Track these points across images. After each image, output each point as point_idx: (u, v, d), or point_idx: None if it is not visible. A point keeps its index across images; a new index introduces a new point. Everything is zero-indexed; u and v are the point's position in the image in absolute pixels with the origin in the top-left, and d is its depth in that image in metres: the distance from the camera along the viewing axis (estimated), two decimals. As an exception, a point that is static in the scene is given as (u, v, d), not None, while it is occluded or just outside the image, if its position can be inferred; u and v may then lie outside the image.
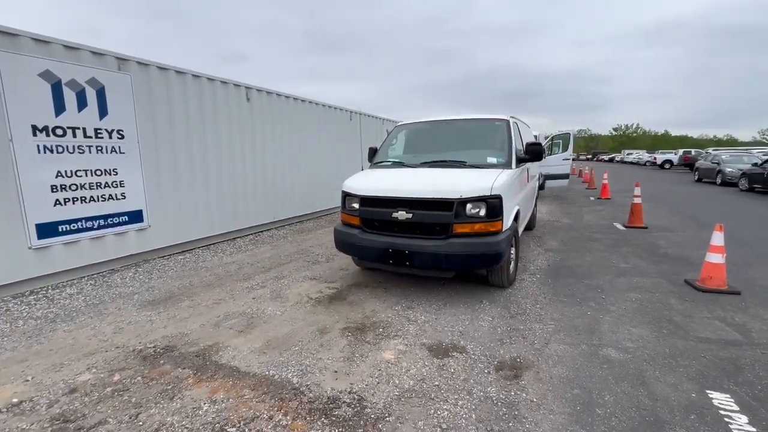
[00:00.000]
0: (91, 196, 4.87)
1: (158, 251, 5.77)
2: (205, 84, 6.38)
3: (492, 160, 4.34)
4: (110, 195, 5.08)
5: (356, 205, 4.06)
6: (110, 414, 2.27)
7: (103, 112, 4.93)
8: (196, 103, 6.21)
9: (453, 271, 3.81)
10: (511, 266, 4.22)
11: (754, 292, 4.02)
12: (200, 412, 2.27)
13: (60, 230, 4.57)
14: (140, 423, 2.18)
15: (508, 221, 3.77)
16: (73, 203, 4.69)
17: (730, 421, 2.14)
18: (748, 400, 2.31)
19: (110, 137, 5.03)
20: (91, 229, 4.89)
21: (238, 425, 2.15)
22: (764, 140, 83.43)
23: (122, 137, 5.17)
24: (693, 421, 2.14)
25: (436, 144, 5.00)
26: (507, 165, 4.22)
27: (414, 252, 3.59)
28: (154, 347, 3.07)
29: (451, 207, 3.52)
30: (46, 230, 4.44)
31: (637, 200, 7.68)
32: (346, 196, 4.20)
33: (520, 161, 4.51)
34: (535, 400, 2.36)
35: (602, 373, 2.62)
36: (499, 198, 3.54)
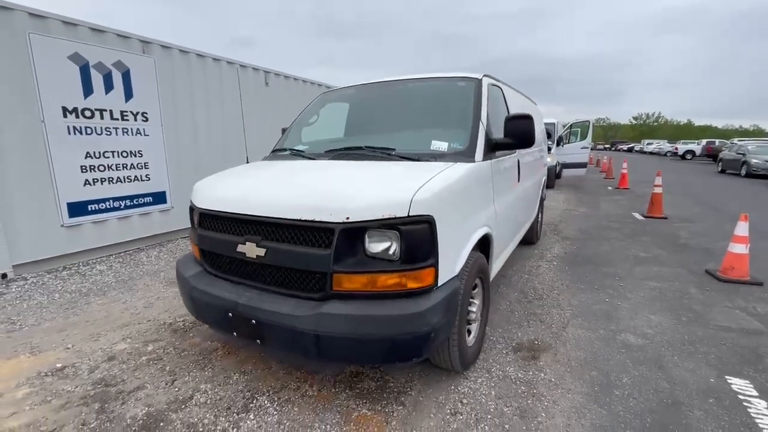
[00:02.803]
0: (118, 177, 5.02)
1: (180, 232, 5.94)
2: (224, 67, 6.43)
3: (439, 146, 2.48)
4: (136, 176, 5.24)
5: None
6: (147, 380, 2.41)
7: (128, 94, 5.05)
8: (216, 87, 6.28)
9: (335, 364, 2.42)
10: (472, 335, 2.48)
11: (777, 283, 3.97)
12: (231, 381, 2.39)
13: (90, 209, 4.74)
14: (176, 389, 2.32)
15: (451, 264, 2.02)
16: (102, 184, 4.85)
17: (749, 405, 2.16)
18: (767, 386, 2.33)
19: (135, 120, 5.16)
20: (119, 209, 5.06)
21: (268, 394, 2.26)
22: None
23: (146, 120, 5.29)
24: (711, 405, 2.17)
25: (366, 121, 3.25)
26: (466, 155, 2.41)
27: (264, 323, 1.92)
28: (183, 321, 3.21)
29: (329, 239, 1.81)
30: (77, 209, 4.62)
31: (658, 190, 7.53)
32: (191, 208, 2.52)
33: (496, 148, 2.67)
34: (553, 380, 2.41)
35: (620, 357, 2.66)
36: (428, 222, 1.80)
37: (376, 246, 1.82)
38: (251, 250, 2.01)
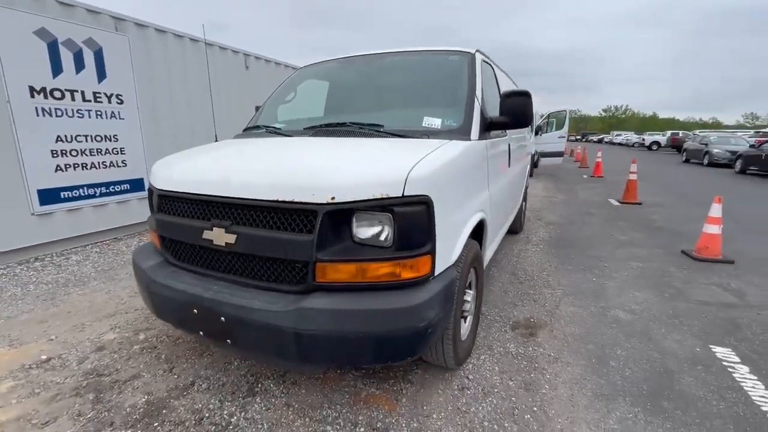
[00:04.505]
0: (92, 163, 4.75)
1: (161, 221, 5.69)
2: (202, 49, 6.15)
3: (432, 122, 2.29)
4: (111, 162, 4.97)
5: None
6: (143, 369, 2.31)
7: (101, 75, 4.75)
8: (195, 69, 6.01)
9: (315, 367, 2.07)
10: (465, 327, 2.31)
11: (745, 261, 4.22)
12: (232, 367, 2.33)
13: (62, 197, 4.47)
14: (175, 376, 2.24)
15: (448, 252, 1.83)
16: (75, 170, 4.57)
17: (733, 371, 2.31)
18: (748, 353, 2.48)
19: (109, 102, 4.87)
20: (94, 196, 4.79)
21: (272, 378, 2.22)
22: (747, 124, 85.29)
23: (121, 102, 5.00)
24: (699, 371, 2.30)
25: (349, 96, 3.00)
26: (462, 132, 2.23)
27: (234, 321, 1.68)
28: (173, 309, 3.09)
29: (311, 223, 1.59)
30: (48, 196, 4.34)
31: (633, 177, 7.84)
32: (150, 190, 2.23)
33: (491, 127, 2.50)
34: (552, 354, 2.48)
35: (612, 332, 2.77)
36: (425, 204, 1.61)
37: (365, 231, 1.61)
38: (219, 236, 1.75)
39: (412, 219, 1.59)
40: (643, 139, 35.36)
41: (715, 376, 2.25)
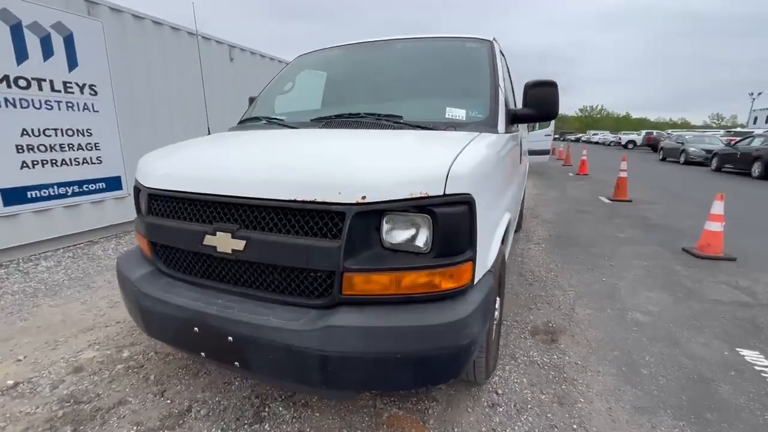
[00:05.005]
0: (63, 160, 4.33)
1: (140, 222, 5.30)
2: (184, 38, 5.77)
3: (456, 114, 2.09)
4: (84, 159, 4.55)
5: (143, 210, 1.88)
6: (129, 393, 2.02)
7: (72, 63, 4.33)
8: (175, 60, 5.61)
9: (343, 393, 1.77)
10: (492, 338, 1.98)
11: (746, 258, 4.22)
12: (233, 388, 2.07)
13: (29, 196, 4.04)
14: (168, 401, 1.96)
15: (485, 257, 1.59)
16: (43, 166, 4.15)
17: (767, 375, 2.21)
18: (777, 356, 2.40)
19: (82, 92, 4.45)
20: (65, 196, 4.37)
21: (280, 399, 1.98)
22: (713, 124, 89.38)
23: (95, 93, 4.59)
24: (734, 378, 2.19)
25: (357, 86, 2.69)
26: (489, 124, 2.03)
27: (246, 341, 1.43)
28: (160, 321, 2.79)
29: (337, 226, 1.37)
30: (14, 196, 3.91)
31: (623, 174, 7.89)
32: (136, 189, 1.94)
33: (515, 119, 2.33)
34: (579, 362, 2.33)
35: (635, 336, 2.64)
36: (467, 203, 1.39)
37: (398, 235, 1.39)
38: (224, 242, 1.50)
39: (454, 221, 1.37)
40: (620, 138, 36.33)
41: (750, 383, 2.14)
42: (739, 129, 24.53)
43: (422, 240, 1.38)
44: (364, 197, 1.33)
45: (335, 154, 1.60)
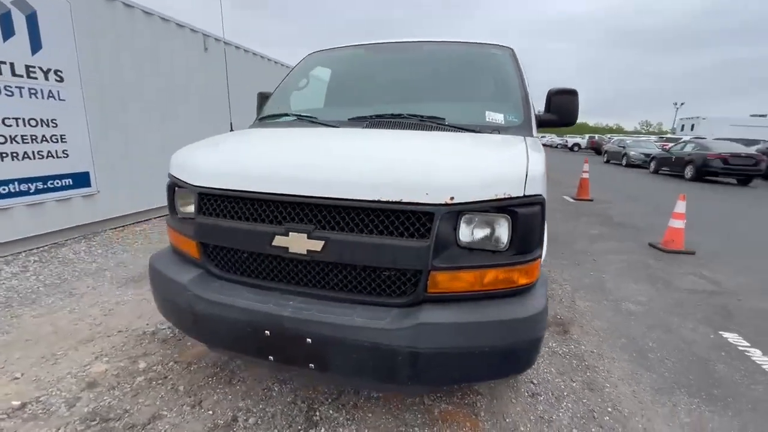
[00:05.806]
0: (25, 153, 3.87)
1: (111, 222, 4.87)
2: (158, 24, 5.37)
3: (495, 118, 2.14)
4: (49, 152, 4.10)
5: (191, 210, 1.74)
6: (161, 406, 1.89)
7: (36, 45, 3.88)
8: (148, 47, 5.21)
9: (430, 388, 1.98)
10: None
11: (702, 252, 4.75)
12: (274, 393, 2.00)
13: (-14, 194, 3.58)
14: (209, 412, 1.86)
15: (544, 254, 1.70)
16: (2, 160, 3.68)
17: (750, 354, 2.53)
18: (753, 337, 2.75)
19: (46, 78, 4.00)
20: (27, 193, 3.92)
21: (328, 402, 1.94)
22: (642, 130, 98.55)
23: (61, 80, 4.15)
24: (725, 357, 2.49)
25: (385, 86, 2.68)
26: (525, 128, 2.11)
27: (327, 342, 1.42)
28: (168, 328, 2.61)
29: (425, 226, 1.40)
30: (-32, 193, 3.45)
31: (586, 176, 8.51)
32: (174, 186, 1.85)
33: (540, 124, 2.40)
34: (594, 350, 2.52)
35: (634, 324, 2.90)
36: (540, 203, 1.48)
37: (476, 233, 1.44)
38: (298, 243, 1.46)
39: (531, 220, 1.45)
40: (566, 141, 38.95)
41: (739, 361, 2.45)
42: (670, 135, 27.30)
43: (501, 238, 1.45)
44: (452, 198, 1.37)
45: (414, 155, 1.60)
